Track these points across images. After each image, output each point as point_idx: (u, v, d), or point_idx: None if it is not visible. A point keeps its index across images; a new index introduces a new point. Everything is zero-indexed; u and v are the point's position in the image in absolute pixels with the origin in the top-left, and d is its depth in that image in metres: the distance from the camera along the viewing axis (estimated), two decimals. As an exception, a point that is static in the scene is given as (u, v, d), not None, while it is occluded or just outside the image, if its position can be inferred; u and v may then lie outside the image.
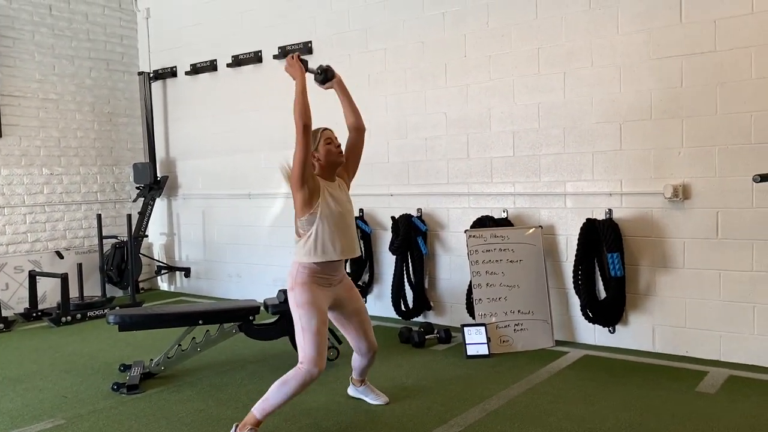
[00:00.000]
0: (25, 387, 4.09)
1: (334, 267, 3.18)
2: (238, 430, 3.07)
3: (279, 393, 3.04)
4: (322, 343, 3.06)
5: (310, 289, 3.10)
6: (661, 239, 4.38)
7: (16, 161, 6.57)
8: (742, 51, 4.03)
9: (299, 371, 3.03)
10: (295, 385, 3.03)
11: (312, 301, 3.08)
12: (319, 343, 3.05)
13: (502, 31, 4.96)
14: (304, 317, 3.07)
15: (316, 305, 3.09)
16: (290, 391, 3.03)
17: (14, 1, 6.56)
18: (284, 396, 3.04)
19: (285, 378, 3.06)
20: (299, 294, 3.10)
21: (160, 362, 4.17)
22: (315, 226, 3.09)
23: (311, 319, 3.06)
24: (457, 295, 5.27)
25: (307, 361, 3.03)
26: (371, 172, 5.71)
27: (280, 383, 3.05)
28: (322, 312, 3.12)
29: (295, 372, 3.05)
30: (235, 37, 6.67)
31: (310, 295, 3.09)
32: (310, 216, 3.09)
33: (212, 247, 7.11)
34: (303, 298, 3.09)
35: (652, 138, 4.38)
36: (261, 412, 3.06)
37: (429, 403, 3.58)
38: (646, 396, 3.62)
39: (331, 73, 3.34)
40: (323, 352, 3.06)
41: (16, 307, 6.30)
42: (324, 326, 3.11)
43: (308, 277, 3.11)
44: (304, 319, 3.06)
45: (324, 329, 3.10)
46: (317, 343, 3.04)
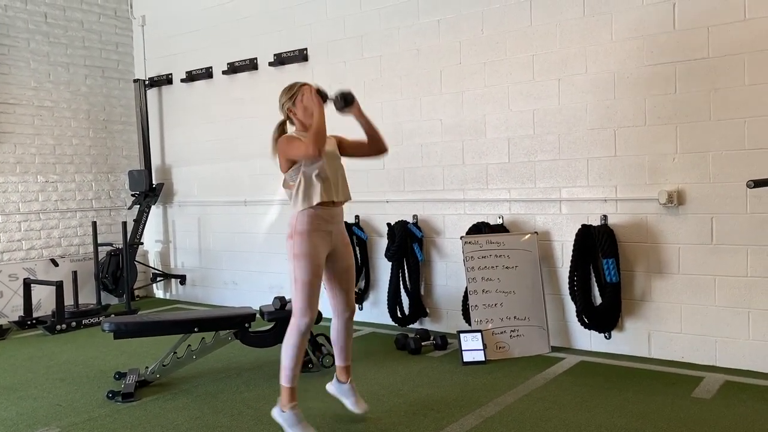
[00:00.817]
0: (19, 395, 4.07)
1: (332, 213, 3.24)
2: (282, 408, 3.21)
3: (286, 353, 3.18)
4: (312, 295, 3.14)
5: (309, 239, 3.15)
6: (656, 245, 4.39)
7: (10, 169, 6.55)
8: (736, 57, 4.06)
9: (292, 326, 3.17)
10: (293, 340, 3.16)
11: (308, 253, 3.13)
12: (310, 294, 3.13)
13: (496, 39, 4.99)
14: (298, 268, 3.13)
15: (311, 257, 3.14)
16: (293, 347, 3.17)
17: (9, 9, 6.57)
18: (292, 353, 3.17)
19: (285, 339, 3.19)
20: (297, 243, 3.15)
21: (156, 370, 4.15)
22: (301, 173, 3.17)
23: (305, 271, 3.12)
24: (453, 301, 5.27)
25: (296, 313, 3.15)
26: (367, 179, 5.72)
27: (284, 346, 3.19)
28: (317, 265, 3.17)
29: (289, 328, 3.18)
30: (231, 45, 6.68)
31: (307, 246, 3.14)
32: (295, 166, 3.18)
33: (208, 255, 7.10)
34: (300, 249, 3.14)
35: (647, 144, 4.39)
36: (286, 379, 3.19)
37: (425, 410, 3.57)
38: (642, 402, 3.62)
39: (351, 99, 3.26)
40: (313, 303, 3.15)
41: (11, 315, 6.27)
42: (317, 278, 3.17)
43: (307, 224, 3.15)
44: (298, 270, 3.13)
45: (316, 281, 3.17)
46: (307, 295, 3.13)
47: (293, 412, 3.20)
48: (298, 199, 3.17)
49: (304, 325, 3.15)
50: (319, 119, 3.09)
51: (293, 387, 3.21)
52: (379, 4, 5.60)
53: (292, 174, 3.21)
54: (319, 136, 3.06)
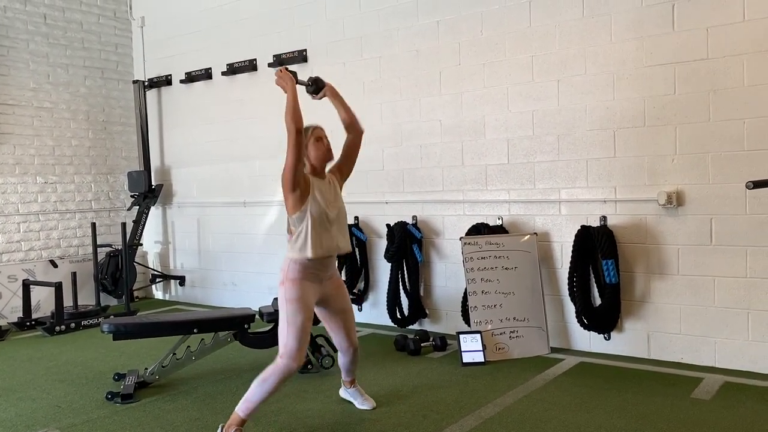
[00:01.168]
0: (18, 397, 4.07)
1: (324, 263, 3.25)
2: (225, 430, 3.13)
3: (260, 390, 3.12)
4: (303, 339, 3.14)
5: (300, 285, 3.17)
6: (656, 246, 4.39)
7: (10, 170, 6.55)
8: (735, 58, 4.06)
9: (278, 366, 3.12)
10: (274, 381, 3.12)
11: (300, 298, 3.16)
12: (301, 338, 3.13)
13: (496, 40, 4.99)
14: (291, 312, 3.14)
15: (304, 302, 3.16)
16: (270, 387, 3.12)
17: (9, 10, 6.57)
18: (265, 392, 3.12)
19: (264, 375, 3.13)
20: (289, 289, 3.17)
21: (155, 371, 4.15)
22: (305, 223, 3.16)
23: (297, 315, 3.13)
24: (453, 302, 5.27)
25: (287, 354, 3.12)
26: (366, 180, 5.72)
27: (260, 381, 3.12)
28: (309, 309, 3.20)
29: (274, 368, 3.12)
30: (230, 46, 6.68)
31: (299, 292, 3.16)
32: (300, 213, 3.17)
33: (207, 256, 7.10)
34: (292, 294, 3.16)
35: (646, 145, 4.40)
36: (245, 411, 3.14)
37: (425, 411, 3.57)
38: (642, 403, 3.62)
39: (321, 83, 3.42)
40: (303, 348, 3.15)
41: (10, 317, 6.27)
42: (308, 323, 3.18)
43: (299, 273, 3.18)
44: (291, 313, 3.14)
45: (308, 326, 3.17)
46: (299, 339, 3.13)
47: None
48: (296, 247, 3.18)
49: (293, 369, 3.12)
50: (292, 95, 3.13)
51: (246, 420, 3.15)
52: (378, 5, 5.61)
53: (296, 221, 3.19)
54: (294, 111, 3.09)
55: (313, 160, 3.27)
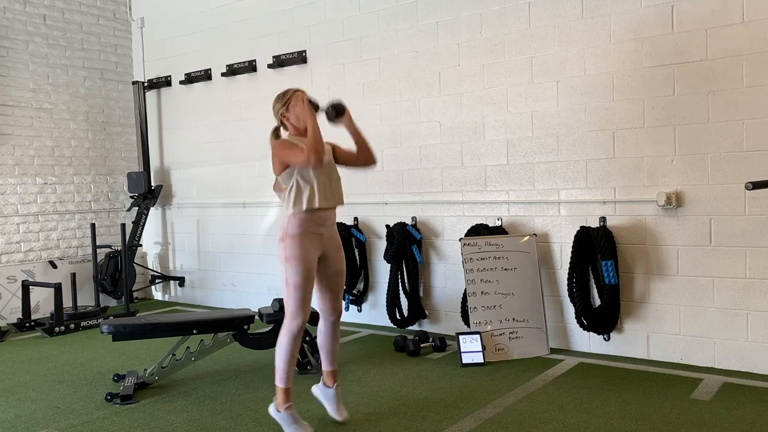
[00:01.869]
0: (17, 397, 4.06)
1: (322, 215, 3.25)
2: (278, 408, 3.25)
3: (280, 354, 3.22)
4: (303, 297, 3.17)
5: (301, 242, 3.17)
6: (655, 247, 4.39)
7: (9, 170, 6.55)
8: (734, 59, 4.06)
9: (285, 327, 3.21)
10: (286, 341, 3.20)
11: (299, 256, 3.16)
12: (302, 296, 3.16)
13: (495, 41, 4.99)
14: (290, 270, 3.16)
15: (303, 259, 3.16)
16: (286, 348, 3.20)
17: (8, 11, 6.57)
18: (285, 354, 3.21)
19: (278, 340, 3.23)
20: (289, 246, 3.18)
21: (154, 372, 4.15)
22: (294, 177, 3.19)
23: (296, 273, 3.15)
24: (452, 303, 5.27)
25: (288, 314, 3.19)
26: (365, 181, 5.73)
27: (277, 347, 3.23)
28: (309, 267, 3.19)
29: (282, 330, 3.21)
30: (230, 47, 6.68)
31: (299, 249, 3.17)
32: (289, 169, 3.19)
33: (206, 256, 7.10)
34: (291, 251, 3.16)
35: (645, 146, 4.40)
36: (280, 380, 3.24)
37: (424, 412, 3.57)
38: (641, 403, 3.62)
39: (342, 110, 3.29)
40: (305, 305, 3.18)
41: (9, 318, 6.27)
42: (308, 281, 3.19)
43: (299, 227, 3.18)
44: (290, 272, 3.16)
45: (308, 284, 3.19)
46: (299, 297, 3.16)
47: (289, 412, 3.24)
48: (290, 203, 3.20)
49: (296, 327, 3.18)
50: (314, 128, 3.10)
51: (288, 387, 3.25)
52: (377, 6, 5.61)
53: (285, 177, 3.22)
54: (317, 145, 3.07)
55: (295, 122, 3.28)
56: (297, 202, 3.18)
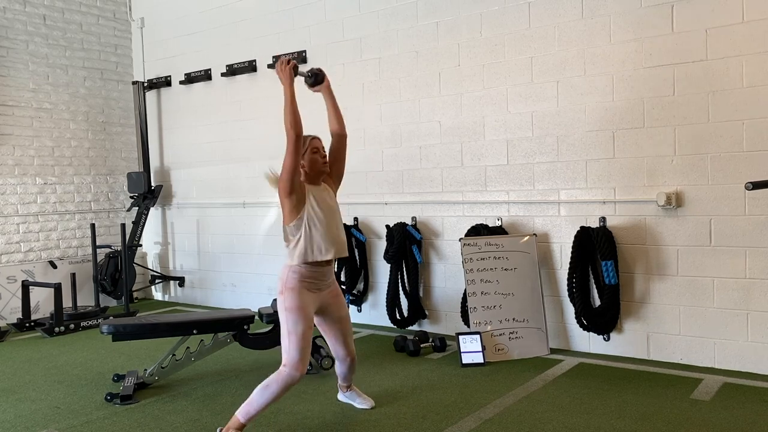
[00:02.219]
0: (17, 398, 4.06)
1: (322, 270, 3.26)
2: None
3: (262, 396, 3.13)
4: (305, 348, 3.15)
5: (299, 294, 3.18)
6: (655, 247, 4.39)
7: (9, 171, 6.55)
8: (734, 59, 4.06)
9: (281, 374, 3.12)
10: (277, 389, 3.12)
11: (300, 306, 3.16)
12: (303, 347, 3.14)
13: (495, 41, 4.99)
14: (291, 321, 3.15)
15: (303, 310, 3.17)
16: (273, 394, 3.12)
17: (8, 11, 6.57)
18: (267, 399, 3.13)
19: (268, 382, 3.14)
20: (288, 298, 3.18)
21: (154, 372, 4.15)
22: (302, 230, 3.18)
23: (297, 323, 3.14)
24: (452, 303, 5.27)
25: (290, 364, 3.12)
26: (365, 181, 5.72)
27: (263, 387, 3.14)
28: (309, 318, 3.20)
29: (277, 375, 3.13)
30: (230, 47, 6.68)
31: (298, 300, 3.17)
32: (297, 221, 3.18)
33: (206, 256, 7.10)
34: (291, 303, 3.17)
35: (645, 146, 4.40)
36: (245, 416, 3.15)
37: (424, 412, 3.57)
38: (641, 403, 3.62)
39: (321, 77, 3.40)
40: (306, 357, 3.16)
41: (9, 318, 6.27)
42: (309, 331, 3.18)
43: (297, 282, 3.19)
44: (291, 322, 3.15)
45: (309, 334, 3.18)
46: (301, 348, 3.13)
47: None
48: (295, 254, 3.19)
49: (296, 379, 3.13)
50: (289, 92, 3.14)
51: (246, 425, 3.16)
52: (377, 6, 5.61)
53: (293, 229, 3.20)
54: (292, 112, 3.10)
55: (308, 170, 3.27)
56: (303, 254, 3.16)
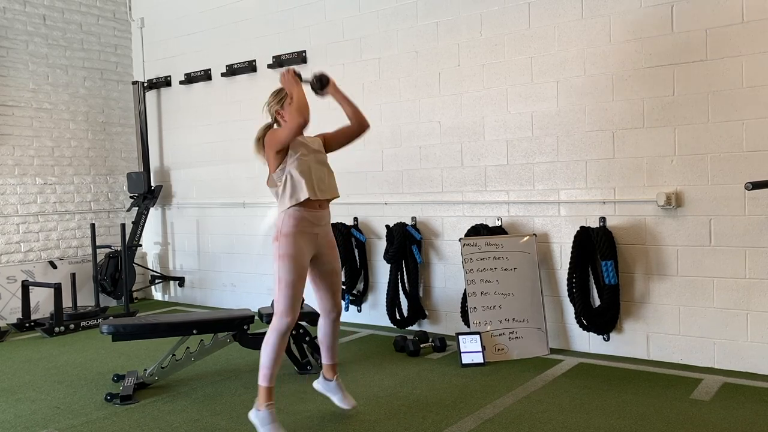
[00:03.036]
0: (17, 398, 4.06)
1: (317, 213, 3.25)
2: (258, 407, 3.22)
3: (266, 353, 3.20)
4: (295, 296, 3.17)
5: (295, 241, 3.18)
6: (655, 247, 4.39)
7: (9, 171, 6.55)
8: (734, 60, 4.06)
9: (273, 324, 3.19)
10: (274, 339, 3.18)
11: (293, 254, 3.17)
12: (293, 295, 3.16)
13: (495, 41, 4.99)
14: (283, 268, 3.17)
15: (296, 258, 3.17)
16: (273, 346, 3.19)
17: (8, 11, 6.57)
18: (271, 353, 3.19)
19: (266, 338, 3.21)
20: (283, 245, 3.19)
21: (154, 372, 4.15)
22: (287, 171, 3.20)
23: (289, 272, 3.16)
24: (452, 303, 5.27)
25: (278, 312, 3.18)
26: (365, 181, 5.73)
27: (264, 344, 3.21)
28: (303, 267, 3.21)
29: (270, 327, 3.21)
30: (230, 47, 6.68)
31: (293, 248, 3.18)
32: (282, 164, 3.21)
33: (206, 257, 7.10)
34: (285, 250, 3.18)
35: (645, 146, 4.40)
36: (264, 379, 3.21)
37: (424, 412, 3.57)
38: (641, 404, 3.62)
39: (325, 79, 3.41)
40: (295, 305, 3.18)
41: (9, 318, 6.27)
42: (300, 281, 3.20)
43: (293, 226, 3.19)
44: (283, 270, 3.17)
45: (300, 284, 3.19)
46: (290, 296, 3.16)
47: (268, 411, 3.21)
48: (285, 197, 3.20)
49: (285, 325, 3.17)
50: (299, 94, 3.16)
51: (271, 387, 3.22)
52: (377, 6, 5.61)
53: (280, 173, 3.23)
54: (302, 104, 3.12)
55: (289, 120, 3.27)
56: (292, 196, 3.18)
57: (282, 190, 3.21)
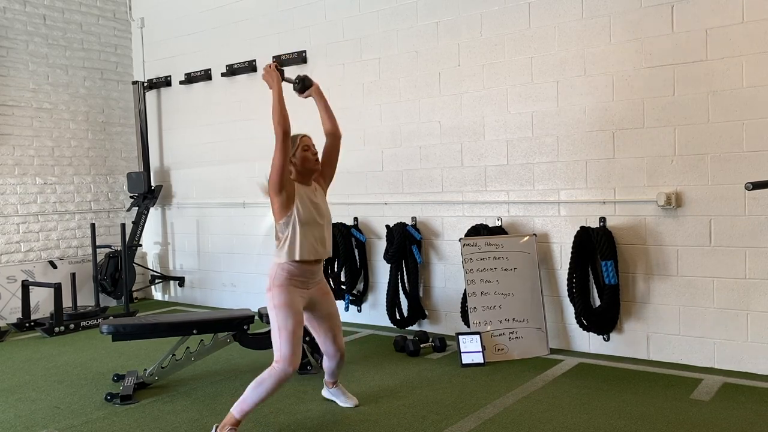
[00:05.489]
0: (17, 398, 4.06)
1: (310, 269, 3.29)
2: (218, 430, 3.17)
3: (256, 393, 3.15)
4: (296, 344, 3.17)
5: (288, 291, 3.21)
6: (655, 247, 4.39)
7: (9, 170, 6.55)
8: (734, 60, 4.06)
9: (274, 370, 3.15)
10: (270, 384, 3.15)
11: (289, 303, 3.19)
12: (294, 343, 3.16)
13: (495, 41, 4.99)
14: (281, 317, 3.17)
15: (292, 307, 3.19)
16: (266, 390, 3.15)
17: (8, 11, 6.57)
18: (261, 395, 3.16)
19: (261, 378, 3.16)
20: (277, 295, 3.20)
21: (154, 372, 4.15)
22: (290, 228, 3.23)
23: (287, 319, 3.16)
24: (452, 303, 5.27)
25: (282, 360, 3.15)
26: (365, 181, 5.72)
27: (257, 383, 3.16)
28: (298, 313, 3.22)
29: (270, 371, 3.16)
30: (230, 47, 6.68)
31: (287, 297, 3.20)
32: (286, 218, 3.23)
33: (206, 256, 7.10)
34: (280, 300, 3.19)
35: (645, 146, 4.40)
36: (240, 412, 3.18)
37: (424, 412, 3.57)
38: (641, 404, 3.62)
39: (308, 82, 3.44)
40: (297, 352, 3.17)
41: (9, 318, 6.27)
42: (299, 327, 3.20)
43: (286, 280, 3.22)
44: (281, 318, 3.17)
45: (299, 330, 3.20)
46: (292, 343, 3.16)
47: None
48: (283, 251, 3.24)
49: (289, 374, 3.15)
50: (278, 96, 3.18)
51: (241, 421, 3.19)
52: (377, 6, 5.61)
53: (282, 226, 3.25)
54: (280, 109, 3.14)
55: (300, 167, 3.29)
56: (290, 253, 3.21)
57: (282, 243, 3.25)
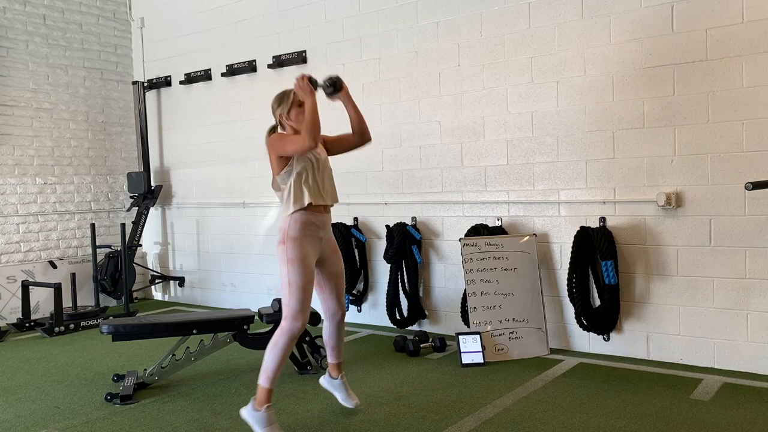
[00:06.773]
0: (17, 398, 4.06)
1: (321, 217, 3.29)
2: (256, 407, 3.20)
3: (273, 355, 3.17)
4: (306, 300, 3.17)
5: (301, 244, 3.19)
6: (655, 247, 4.39)
7: (9, 170, 6.55)
8: (734, 60, 4.07)
9: (283, 328, 3.17)
10: (283, 342, 3.16)
11: (302, 258, 3.18)
12: (304, 298, 3.16)
13: (495, 41, 4.99)
14: (292, 272, 3.16)
15: (305, 262, 3.18)
16: (282, 350, 3.17)
17: (8, 11, 6.57)
18: (278, 356, 3.17)
19: (273, 341, 3.18)
20: (290, 249, 3.18)
21: (154, 372, 4.15)
22: (293, 175, 3.22)
23: (300, 275, 3.16)
24: (452, 303, 5.27)
25: (290, 316, 3.16)
26: (365, 181, 5.72)
27: (271, 346, 3.18)
28: (310, 270, 3.21)
29: (280, 331, 3.18)
30: (230, 47, 6.68)
31: (301, 251, 3.18)
32: (288, 168, 3.23)
33: (206, 257, 7.10)
34: (294, 254, 3.18)
35: (645, 146, 4.40)
36: (267, 381, 3.19)
37: (424, 412, 3.57)
38: (641, 404, 3.62)
39: (339, 85, 3.35)
40: (306, 308, 3.18)
41: (9, 318, 6.27)
42: (310, 284, 3.20)
43: (299, 230, 3.20)
44: (292, 273, 3.16)
45: (310, 287, 3.20)
46: (302, 299, 3.16)
47: (268, 412, 3.20)
48: (290, 201, 3.22)
49: (297, 329, 3.17)
50: (312, 108, 3.13)
51: (272, 389, 3.21)
52: (377, 6, 5.61)
53: (284, 177, 3.25)
54: (314, 126, 3.10)
55: (296, 126, 3.29)
56: (297, 201, 3.21)
57: (287, 194, 3.23)
